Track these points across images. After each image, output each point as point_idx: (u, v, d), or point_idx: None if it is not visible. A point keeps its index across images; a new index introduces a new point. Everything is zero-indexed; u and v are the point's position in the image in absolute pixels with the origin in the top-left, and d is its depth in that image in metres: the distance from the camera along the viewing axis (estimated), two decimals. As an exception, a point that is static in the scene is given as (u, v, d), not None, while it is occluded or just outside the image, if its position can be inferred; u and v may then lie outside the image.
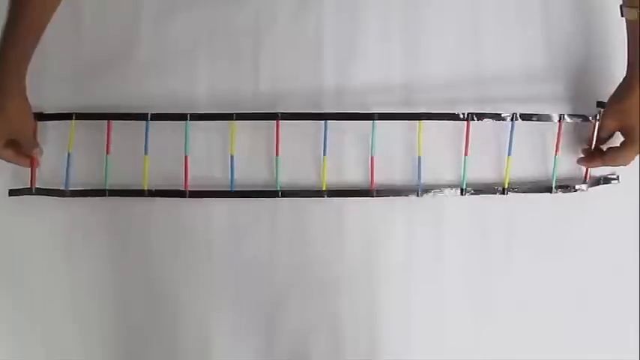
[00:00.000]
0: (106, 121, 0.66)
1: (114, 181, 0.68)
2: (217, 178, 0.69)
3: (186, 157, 0.66)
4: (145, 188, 0.67)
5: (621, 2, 0.65)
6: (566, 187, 0.69)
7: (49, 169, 0.68)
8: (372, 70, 0.71)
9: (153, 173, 0.67)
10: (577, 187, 0.69)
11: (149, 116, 0.66)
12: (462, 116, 0.65)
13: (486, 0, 0.72)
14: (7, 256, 0.71)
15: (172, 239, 0.70)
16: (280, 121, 0.65)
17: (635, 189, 0.73)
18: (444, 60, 0.71)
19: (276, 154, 0.67)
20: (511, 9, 0.72)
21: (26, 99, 0.65)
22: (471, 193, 0.68)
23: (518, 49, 0.72)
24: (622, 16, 0.65)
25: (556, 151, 0.68)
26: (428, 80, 0.71)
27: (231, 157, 0.67)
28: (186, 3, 0.71)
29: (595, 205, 0.72)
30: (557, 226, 0.71)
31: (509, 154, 0.67)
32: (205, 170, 0.69)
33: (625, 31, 0.65)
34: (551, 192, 0.68)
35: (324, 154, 0.66)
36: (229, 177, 0.67)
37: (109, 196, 0.67)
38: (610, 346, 0.72)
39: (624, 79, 0.65)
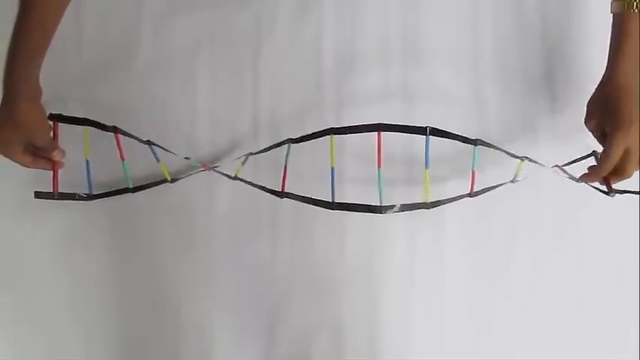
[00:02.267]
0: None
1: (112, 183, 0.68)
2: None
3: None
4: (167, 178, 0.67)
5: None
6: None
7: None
8: (371, 72, 0.70)
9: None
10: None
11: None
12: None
13: (485, 1, 0.72)
14: (9, 257, 0.71)
15: (174, 240, 0.70)
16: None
17: (635, 189, 0.73)
18: (444, 61, 0.71)
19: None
20: (509, 10, 0.72)
21: (37, 101, 0.63)
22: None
23: (517, 52, 0.71)
24: (611, 11, 0.64)
25: None
26: (427, 81, 0.71)
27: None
28: (187, 5, 0.71)
29: (595, 205, 0.71)
30: (558, 227, 0.71)
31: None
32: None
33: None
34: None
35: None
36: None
37: (134, 192, 0.67)
38: (610, 347, 0.72)
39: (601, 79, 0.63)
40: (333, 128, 0.59)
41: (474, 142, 0.60)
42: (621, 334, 0.72)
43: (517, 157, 0.62)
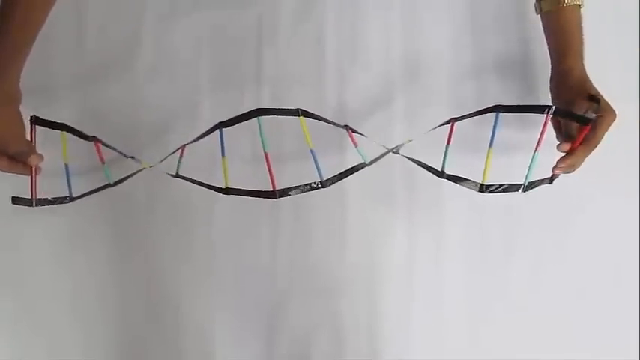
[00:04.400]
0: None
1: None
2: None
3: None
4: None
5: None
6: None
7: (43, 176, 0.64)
8: (373, 71, 0.71)
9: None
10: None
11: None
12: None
13: (486, 2, 0.72)
14: (9, 258, 0.71)
15: (174, 241, 0.70)
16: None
17: (635, 189, 0.73)
18: (445, 62, 0.71)
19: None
20: (510, 10, 0.72)
21: (11, 105, 0.61)
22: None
23: (517, 55, 0.72)
24: (537, 13, 0.65)
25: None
26: (429, 81, 0.71)
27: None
28: (189, 6, 0.71)
29: (595, 205, 0.71)
30: (558, 226, 0.71)
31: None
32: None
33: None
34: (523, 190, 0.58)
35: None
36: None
37: (114, 185, 0.65)
38: (610, 347, 0.71)
39: (555, 77, 0.63)
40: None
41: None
42: (621, 334, 0.72)
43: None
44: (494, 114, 0.57)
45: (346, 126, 0.60)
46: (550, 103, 0.63)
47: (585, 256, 0.72)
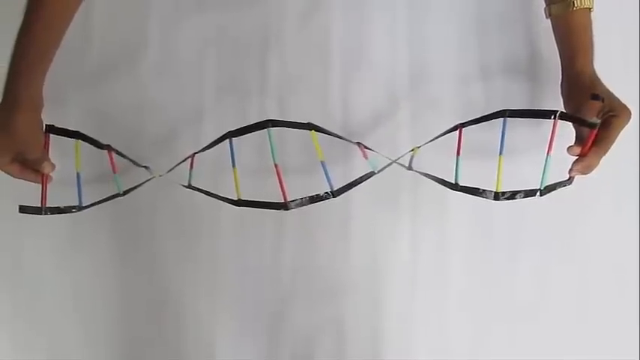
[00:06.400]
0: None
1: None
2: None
3: None
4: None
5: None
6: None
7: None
8: (379, 73, 0.70)
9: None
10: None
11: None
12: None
13: (492, 5, 0.72)
14: (11, 258, 0.71)
15: (177, 243, 0.70)
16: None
17: (635, 189, 0.73)
18: (451, 65, 0.71)
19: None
20: (516, 13, 0.72)
21: (36, 112, 0.61)
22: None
23: (524, 58, 0.71)
24: (547, 17, 0.65)
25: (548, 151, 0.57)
26: (435, 85, 0.70)
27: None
28: (195, 8, 0.70)
29: (599, 206, 0.72)
30: (562, 228, 0.71)
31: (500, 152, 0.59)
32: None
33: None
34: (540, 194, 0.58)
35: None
36: None
37: (124, 195, 0.65)
38: (610, 347, 0.72)
39: (566, 80, 0.63)
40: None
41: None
42: (621, 334, 0.72)
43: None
44: (501, 119, 0.57)
45: (358, 143, 0.60)
46: (560, 106, 0.63)
47: (586, 256, 0.72)
